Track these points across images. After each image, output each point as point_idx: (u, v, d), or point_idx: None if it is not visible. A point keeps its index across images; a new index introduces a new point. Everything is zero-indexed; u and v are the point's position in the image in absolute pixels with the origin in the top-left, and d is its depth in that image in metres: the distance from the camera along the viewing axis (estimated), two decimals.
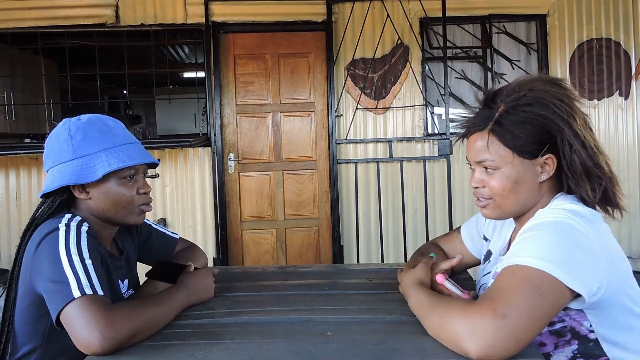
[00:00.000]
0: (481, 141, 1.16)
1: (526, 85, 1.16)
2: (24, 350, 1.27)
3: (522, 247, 1.05)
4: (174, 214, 4.21)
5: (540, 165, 1.14)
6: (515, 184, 1.15)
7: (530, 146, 1.12)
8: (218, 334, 1.15)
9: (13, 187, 4.12)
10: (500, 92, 1.18)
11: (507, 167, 1.14)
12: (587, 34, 4.36)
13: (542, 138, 1.12)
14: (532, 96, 1.12)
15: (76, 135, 1.26)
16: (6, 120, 4.76)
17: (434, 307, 1.09)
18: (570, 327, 1.09)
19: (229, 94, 4.24)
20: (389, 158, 4.24)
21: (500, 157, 1.14)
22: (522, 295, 0.96)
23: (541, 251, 1.01)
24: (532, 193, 1.17)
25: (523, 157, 1.13)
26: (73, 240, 1.16)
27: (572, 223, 1.05)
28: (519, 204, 1.18)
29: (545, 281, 0.98)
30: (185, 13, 4.16)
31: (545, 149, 1.12)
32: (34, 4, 4.05)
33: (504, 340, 0.93)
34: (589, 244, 1.04)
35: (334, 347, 1.05)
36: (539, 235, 1.05)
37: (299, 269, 1.77)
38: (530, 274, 0.99)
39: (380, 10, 4.20)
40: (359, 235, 4.20)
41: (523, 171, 1.14)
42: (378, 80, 4.28)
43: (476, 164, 1.19)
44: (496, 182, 1.16)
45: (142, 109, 9.28)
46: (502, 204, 1.18)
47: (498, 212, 1.21)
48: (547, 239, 1.04)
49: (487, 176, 1.18)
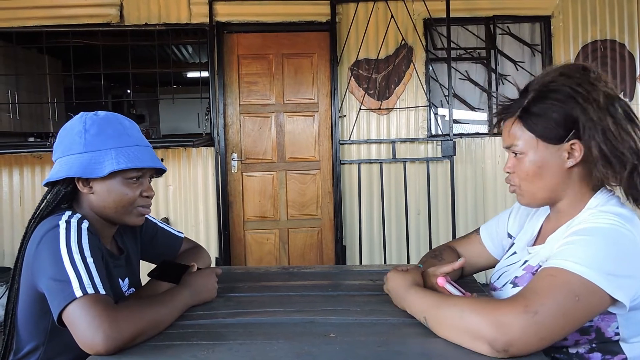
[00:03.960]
0: (510, 127, 1.19)
1: (555, 71, 1.17)
2: (27, 348, 1.27)
3: (569, 251, 1.04)
4: (177, 213, 4.22)
5: (567, 151, 1.14)
6: (539, 169, 1.16)
7: (554, 131, 1.13)
8: (221, 334, 1.15)
9: (17, 186, 4.13)
10: (533, 80, 1.21)
11: (531, 152, 1.16)
12: (591, 36, 4.35)
13: (566, 123, 1.12)
14: (559, 83, 1.14)
15: (91, 130, 1.26)
16: (10, 119, 4.77)
17: (450, 302, 1.08)
18: (597, 327, 1.08)
19: (232, 94, 4.24)
20: (392, 159, 4.23)
21: (525, 142, 1.16)
22: (557, 297, 0.97)
23: (588, 258, 1.00)
24: (559, 179, 1.16)
25: (547, 142, 1.14)
26: (74, 237, 1.16)
27: (622, 231, 1.04)
28: (546, 189, 1.18)
29: (585, 288, 0.97)
30: (190, 13, 4.16)
31: (571, 135, 1.12)
32: (39, 3, 4.07)
33: (529, 336, 0.94)
34: (636, 251, 1.04)
35: (337, 348, 1.05)
36: (589, 241, 1.04)
37: (302, 269, 1.76)
38: (570, 279, 0.98)
39: (384, 10, 4.20)
40: (361, 236, 4.19)
41: (548, 156, 1.15)
42: (382, 81, 4.27)
43: (506, 149, 1.22)
44: (521, 167, 1.18)
45: (145, 108, 9.30)
46: (528, 189, 1.20)
47: (527, 198, 1.22)
48: (597, 246, 1.03)
49: (515, 161, 1.20)
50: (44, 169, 4.11)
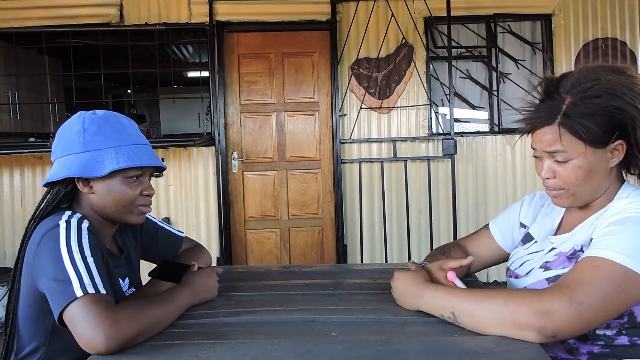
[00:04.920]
0: (551, 134, 1.15)
1: (590, 75, 1.15)
2: (28, 348, 1.27)
3: (611, 240, 1.06)
4: (178, 213, 4.22)
5: (610, 152, 1.15)
6: (589, 173, 1.16)
7: (602, 136, 1.12)
8: (222, 333, 1.14)
9: (17, 186, 4.13)
10: (562, 82, 1.17)
11: (579, 157, 1.14)
12: (592, 34, 4.35)
13: (612, 128, 1.12)
14: (600, 87, 1.12)
15: (89, 129, 1.26)
16: (11, 120, 4.77)
17: (489, 295, 1.08)
18: (630, 312, 1.10)
19: (232, 94, 4.24)
20: (393, 158, 4.23)
21: (573, 149, 1.14)
22: (601, 288, 1.00)
23: (629, 247, 1.03)
24: (604, 179, 1.18)
25: (595, 147, 1.14)
26: (74, 237, 1.16)
27: None
28: (593, 191, 1.19)
29: (627, 278, 1.01)
30: (190, 12, 4.16)
31: (616, 136, 1.13)
32: (38, 4, 4.07)
33: (574, 325, 0.99)
34: None
35: (339, 347, 1.05)
36: (629, 230, 1.07)
37: (303, 268, 1.76)
38: (614, 269, 1.01)
39: (385, 9, 4.19)
40: (362, 235, 4.19)
41: (595, 160, 1.15)
42: (382, 80, 4.27)
43: (546, 154, 1.18)
44: (569, 173, 1.16)
45: (146, 108, 9.30)
46: (576, 192, 1.19)
47: (572, 200, 1.21)
48: (635, 235, 1.05)
49: (557, 166, 1.18)
50: (45, 169, 4.11)
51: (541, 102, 1.19)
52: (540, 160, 1.21)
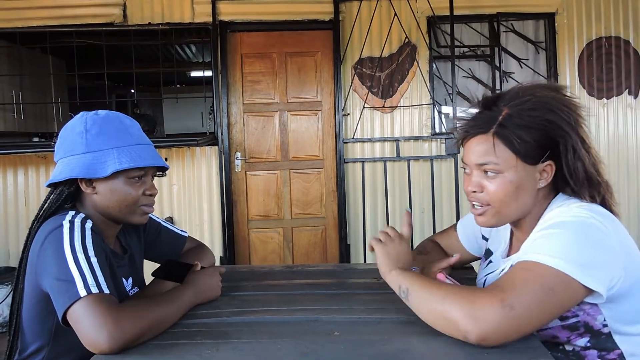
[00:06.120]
0: (484, 144, 1.14)
1: (529, 90, 1.15)
2: (32, 348, 1.27)
3: (541, 244, 1.05)
4: (181, 212, 4.22)
5: (539, 172, 1.14)
6: (517, 190, 1.14)
7: (534, 151, 1.12)
8: (225, 333, 1.15)
9: (21, 186, 4.14)
10: (501, 96, 1.18)
11: (510, 171, 1.13)
12: (596, 32, 4.33)
13: (545, 143, 1.12)
14: (537, 101, 1.12)
15: (92, 130, 1.26)
16: (15, 119, 4.78)
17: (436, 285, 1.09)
18: (584, 322, 1.10)
19: (236, 93, 4.24)
20: (396, 157, 4.22)
21: (505, 161, 1.12)
22: (533, 291, 0.98)
23: (560, 250, 1.02)
24: (529, 199, 1.16)
25: (526, 162, 1.12)
26: (78, 237, 1.16)
27: (592, 221, 1.05)
28: (518, 210, 1.17)
29: (559, 280, 0.99)
30: (193, 12, 4.16)
31: (546, 156, 1.12)
32: (42, 3, 4.08)
33: (506, 329, 0.96)
34: (609, 241, 1.05)
35: (342, 347, 1.05)
36: (560, 234, 1.05)
37: (306, 268, 1.76)
38: (545, 272, 1.00)
39: (388, 8, 4.19)
40: (365, 234, 4.19)
41: (525, 177, 1.13)
42: (385, 79, 4.26)
43: (476, 166, 1.17)
44: (497, 186, 1.14)
45: (149, 107, 9.30)
46: (501, 210, 1.16)
47: (496, 219, 1.19)
48: (568, 238, 1.04)
49: (486, 180, 1.15)
50: (48, 169, 4.12)
51: (479, 113, 1.19)
52: (469, 175, 1.20)
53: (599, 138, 4.34)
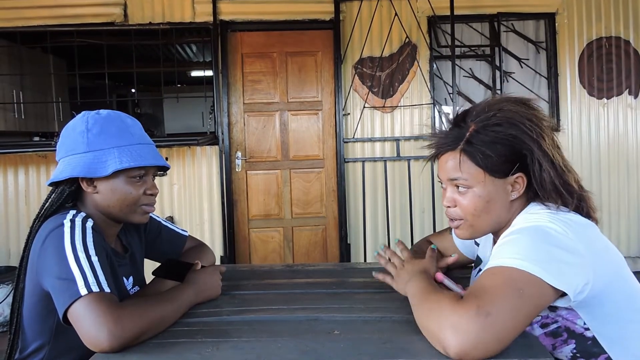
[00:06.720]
0: (453, 160, 1.17)
1: (495, 105, 1.17)
2: (33, 346, 1.28)
3: (503, 250, 1.07)
4: (182, 212, 4.23)
5: (510, 184, 1.16)
6: (487, 203, 1.16)
7: (502, 165, 1.13)
8: (225, 332, 1.15)
9: (22, 185, 4.15)
10: (469, 112, 1.19)
11: (478, 186, 1.15)
12: (596, 32, 4.33)
13: (512, 157, 1.13)
14: (502, 116, 1.14)
15: (93, 129, 1.26)
16: (15, 119, 4.78)
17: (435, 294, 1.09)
18: (565, 327, 1.10)
19: (236, 93, 4.24)
20: (396, 157, 4.23)
21: (472, 177, 1.15)
22: (504, 295, 0.97)
23: (521, 252, 1.03)
24: (503, 211, 1.18)
25: (494, 176, 1.14)
26: (78, 236, 1.17)
27: (549, 225, 1.07)
28: (492, 222, 1.19)
29: (526, 281, 0.99)
30: (193, 12, 4.17)
31: (516, 168, 1.14)
32: (43, 3, 4.08)
33: (486, 339, 0.93)
34: (570, 243, 1.05)
35: (342, 346, 1.05)
36: (519, 238, 1.07)
37: (306, 267, 1.76)
38: (511, 274, 1.00)
39: (388, 8, 4.19)
40: (366, 234, 4.19)
41: (494, 190, 1.15)
42: (386, 79, 4.27)
43: (448, 182, 1.20)
44: (468, 201, 1.17)
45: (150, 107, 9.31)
46: (474, 224, 1.19)
47: (471, 232, 1.22)
48: (527, 241, 1.06)
49: (458, 195, 1.18)
50: (49, 168, 4.12)
51: (449, 130, 1.21)
52: (445, 190, 1.23)
53: (599, 138, 4.34)
